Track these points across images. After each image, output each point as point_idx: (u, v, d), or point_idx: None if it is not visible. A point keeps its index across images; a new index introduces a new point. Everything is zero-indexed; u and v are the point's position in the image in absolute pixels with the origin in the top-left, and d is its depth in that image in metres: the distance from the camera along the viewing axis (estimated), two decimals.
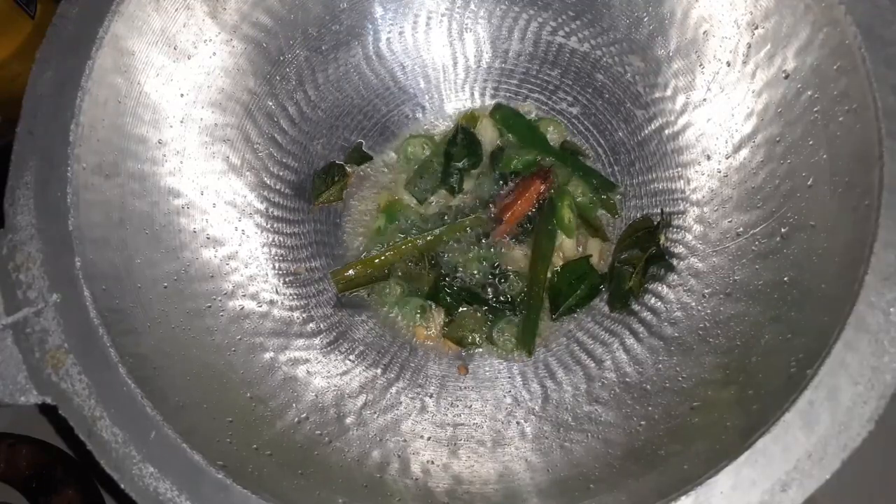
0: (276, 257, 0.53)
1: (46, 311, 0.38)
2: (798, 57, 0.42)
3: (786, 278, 0.41)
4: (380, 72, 0.59)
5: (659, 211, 0.54)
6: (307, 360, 0.50)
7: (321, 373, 0.49)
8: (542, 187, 0.56)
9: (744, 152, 0.47)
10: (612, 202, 0.57)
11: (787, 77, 0.43)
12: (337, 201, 0.58)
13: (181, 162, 0.48)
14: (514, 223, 0.56)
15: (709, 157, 0.50)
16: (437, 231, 0.56)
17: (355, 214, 0.59)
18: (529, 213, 0.56)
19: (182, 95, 0.47)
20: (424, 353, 0.55)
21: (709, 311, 0.46)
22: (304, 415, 0.45)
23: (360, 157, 0.59)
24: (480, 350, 0.54)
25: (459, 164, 0.58)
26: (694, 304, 0.47)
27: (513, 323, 0.54)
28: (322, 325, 0.53)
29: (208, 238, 0.49)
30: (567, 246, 0.56)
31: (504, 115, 0.59)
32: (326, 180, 0.57)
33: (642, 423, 0.43)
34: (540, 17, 0.56)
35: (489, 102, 0.61)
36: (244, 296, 0.49)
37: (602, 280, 0.54)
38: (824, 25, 0.40)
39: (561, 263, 0.56)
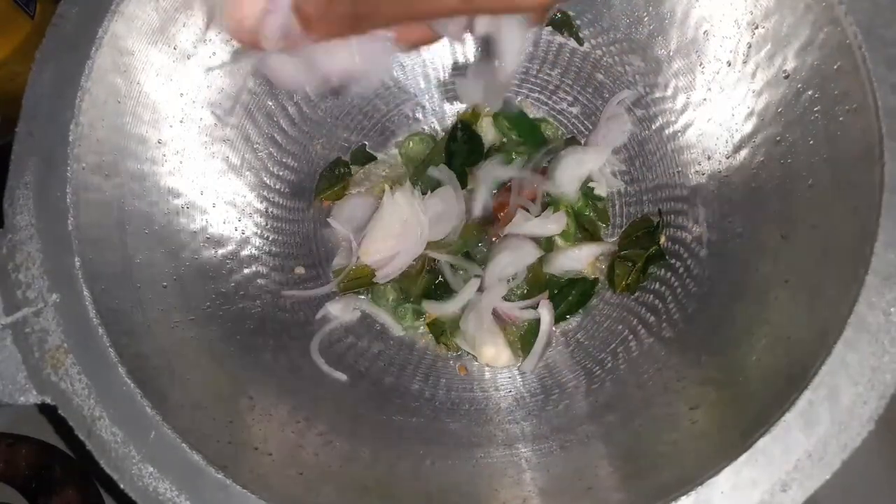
0: (276, 257, 0.53)
1: (46, 310, 0.38)
2: (798, 57, 0.42)
3: (786, 278, 0.41)
4: None
5: (658, 211, 0.54)
6: (307, 361, 0.50)
7: (320, 373, 0.49)
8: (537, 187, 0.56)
9: (744, 152, 0.47)
10: (605, 209, 0.57)
11: (787, 77, 0.43)
12: (337, 200, 0.58)
13: (181, 162, 0.47)
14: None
15: (709, 157, 0.50)
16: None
17: None
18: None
19: (181, 95, 0.47)
20: (424, 354, 0.55)
21: (708, 312, 0.46)
22: (304, 415, 0.45)
23: (364, 158, 0.59)
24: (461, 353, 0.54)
25: (459, 162, 0.57)
26: (694, 304, 0.47)
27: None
28: (321, 326, 0.53)
29: (208, 238, 0.49)
30: None
31: (507, 113, 0.59)
32: (331, 178, 0.57)
33: (642, 423, 0.43)
34: None
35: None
36: (244, 296, 0.49)
37: (593, 285, 0.54)
38: (825, 25, 0.40)
39: None
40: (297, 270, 0.55)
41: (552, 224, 0.54)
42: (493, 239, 0.56)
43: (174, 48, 0.46)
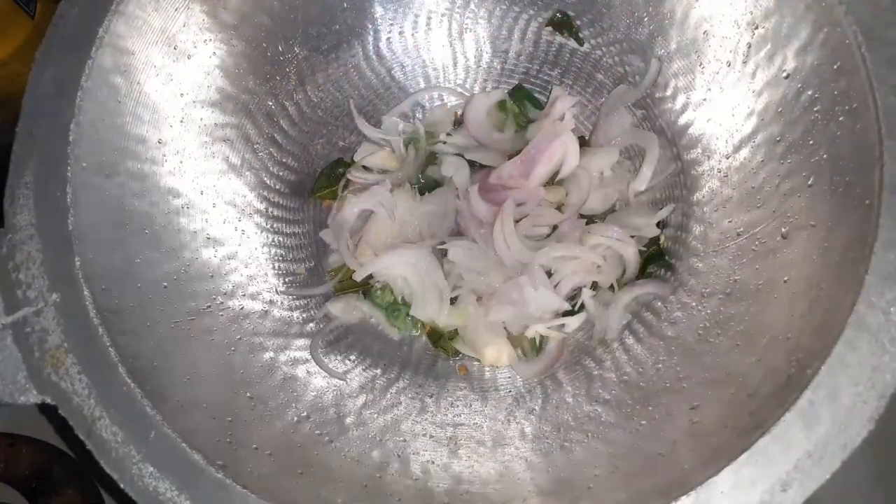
0: (276, 257, 0.53)
1: (46, 310, 0.38)
2: (798, 57, 0.42)
3: (786, 278, 0.41)
4: (380, 71, 0.59)
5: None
6: (307, 360, 0.50)
7: (321, 373, 0.49)
8: None
9: (744, 152, 0.47)
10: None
11: (787, 77, 0.43)
12: (334, 199, 0.58)
13: (181, 162, 0.47)
14: None
15: (709, 157, 0.50)
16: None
17: None
18: None
19: (182, 95, 0.47)
20: (424, 353, 0.55)
21: (709, 311, 0.46)
22: (304, 414, 0.45)
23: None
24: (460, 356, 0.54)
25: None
26: (694, 304, 0.47)
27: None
28: (321, 325, 0.53)
29: (208, 238, 0.49)
30: None
31: (519, 96, 0.59)
32: (330, 177, 0.57)
33: (643, 422, 0.43)
34: (540, 17, 0.56)
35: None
36: (244, 296, 0.49)
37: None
38: (824, 25, 0.40)
39: None
40: (297, 270, 0.55)
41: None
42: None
43: (174, 48, 0.46)
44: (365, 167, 0.58)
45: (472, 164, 0.57)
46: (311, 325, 0.52)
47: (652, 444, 0.41)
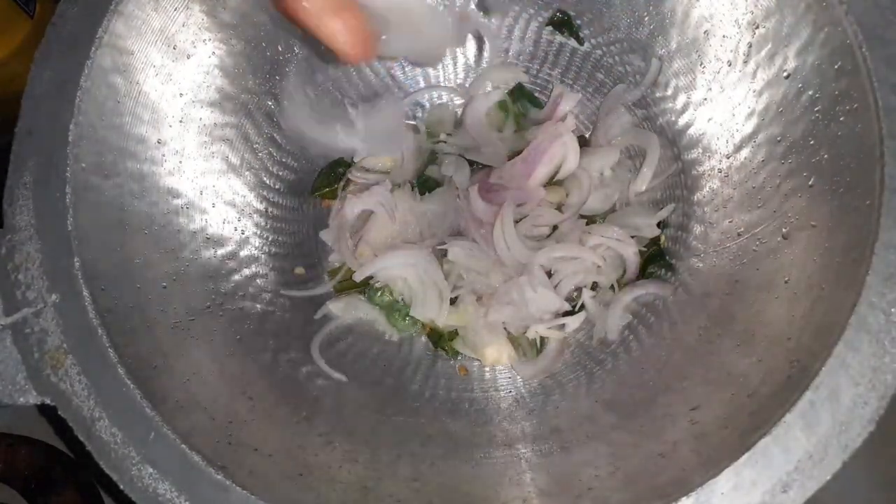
0: (276, 257, 0.53)
1: (45, 311, 0.38)
2: (799, 56, 0.42)
3: (786, 279, 0.41)
4: (380, 71, 0.59)
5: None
6: (307, 361, 0.50)
7: (321, 373, 0.49)
8: None
9: (745, 152, 0.47)
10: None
11: (787, 77, 0.43)
12: (334, 199, 0.58)
13: (180, 162, 0.47)
14: None
15: (710, 157, 0.50)
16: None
17: None
18: None
19: (181, 95, 0.47)
20: (424, 353, 0.55)
21: (709, 312, 0.46)
22: (304, 415, 0.45)
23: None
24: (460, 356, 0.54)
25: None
26: (694, 304, 0.47)
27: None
28: (321, 325, 0.53)
29: (208, 238, 0.49)
30: None
31: (519, 96, 0.59)
32: (330, 176, 0.57)
33: (643, 423, 0.43)
34: (540, 17, 0.56)
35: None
36: (243, 296, 0.49)
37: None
38: (825, 25, 0.40)
39: None
40: (297, 270, 0.55)
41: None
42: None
43: (173, 48, 0.46)
44: (365, 167, 0.58)
45: (472, 164, 0.57)
46: (311, 325, 0.52)
47: (652, 444, 0.41)
